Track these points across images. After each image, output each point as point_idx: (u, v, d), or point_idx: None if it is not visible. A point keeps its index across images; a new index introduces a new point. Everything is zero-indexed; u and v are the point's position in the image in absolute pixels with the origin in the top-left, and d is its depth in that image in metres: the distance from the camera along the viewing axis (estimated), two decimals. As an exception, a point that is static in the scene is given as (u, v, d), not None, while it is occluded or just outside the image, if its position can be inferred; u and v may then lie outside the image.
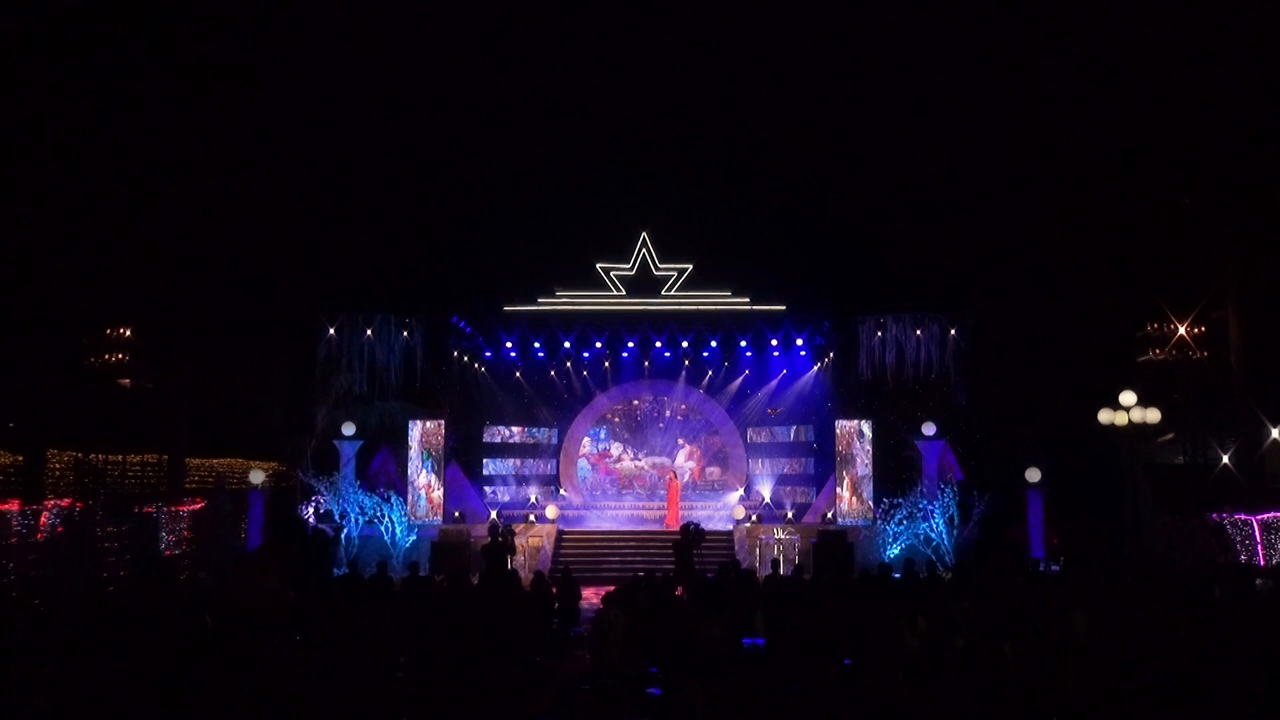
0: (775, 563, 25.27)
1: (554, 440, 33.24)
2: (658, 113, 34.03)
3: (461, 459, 30.87)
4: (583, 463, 33.64)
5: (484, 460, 32.48)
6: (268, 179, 31.29)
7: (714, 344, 31.32)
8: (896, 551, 25.01)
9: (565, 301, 30.36)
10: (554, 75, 34.25)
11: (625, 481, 33.54)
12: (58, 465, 29.36)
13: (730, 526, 28.43)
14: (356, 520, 26.28)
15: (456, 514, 28.56)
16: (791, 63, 33.93)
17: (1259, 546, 23.51)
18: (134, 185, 29.27)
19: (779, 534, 26.42)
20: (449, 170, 33.05)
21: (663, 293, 30.35)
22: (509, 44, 34.17)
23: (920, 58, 32.76)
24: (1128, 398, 21.77)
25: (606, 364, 32.67)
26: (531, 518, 28.55)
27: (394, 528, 26.44)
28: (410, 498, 27.81)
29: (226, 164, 30.88)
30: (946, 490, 25.71)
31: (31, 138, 27.44)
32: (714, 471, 33.50)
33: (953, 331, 28.74)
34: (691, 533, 22.89)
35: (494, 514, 27.49)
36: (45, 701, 10.04)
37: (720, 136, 34.30)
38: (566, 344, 31.36)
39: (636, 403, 33.92)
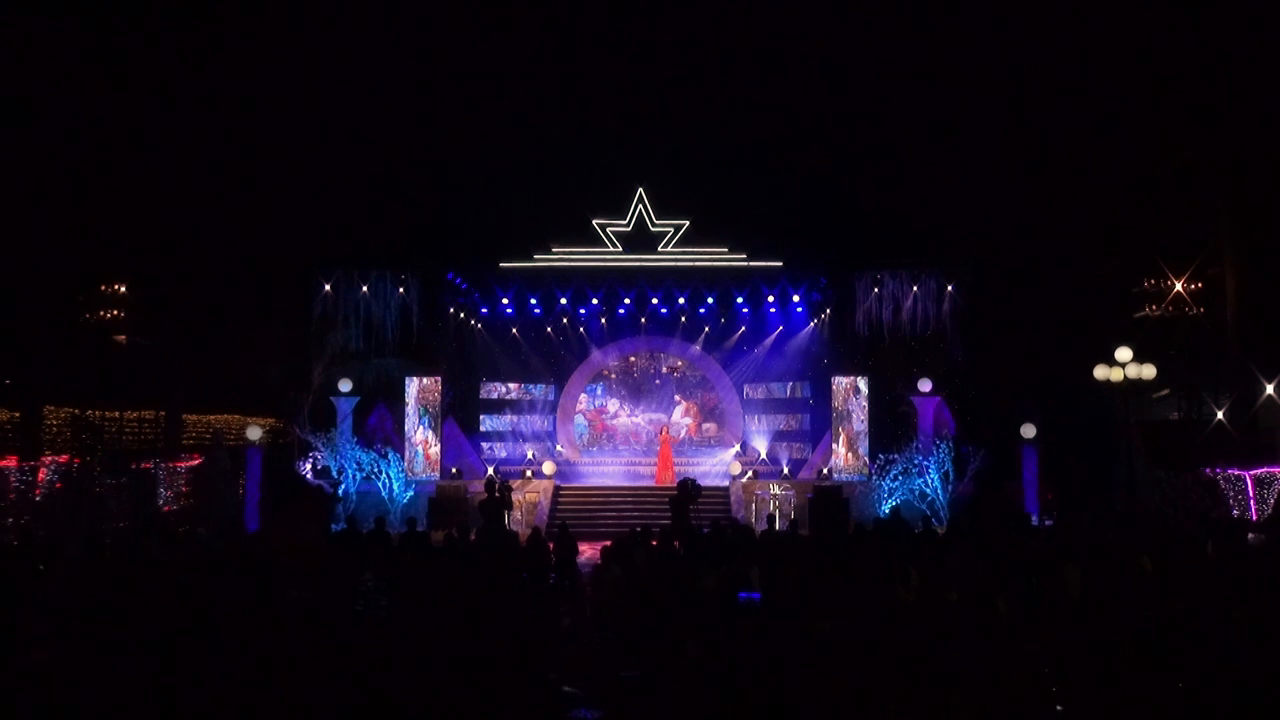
0: (771, 518, 25.54)
1: (551, 397, 33.28)
2: (654, 68, 33.73)
3: (458, 415, 30.93)
4: (579, 419, 33.72)
5: (481, 416, 32.52)
6: (264, 134, 31.05)
7: (710, 300, 31.26)
8: (891, 507, 25.11)
9: (562, 258, 30.28)
10: (550, 30, 33.95)
11: (622, 438, 33.65)
12: (55, 421, 29.38)
13: (726, 482, 28.56)
14: (354, 476, 26.37)
15: (454, 470, 28.67)
16: (787, 17, 33.60)
17: (1251, 501, 23.71)
18: (128, 140, 29.04)
19: (775, 489, 26.53)
20: (445, 126, 32.80)
21: (659, 249, 30.27)
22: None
23: (916, 11, 32.49)
24: (1123, 354, 21.81)
25: (603, 321, 32.63)
26: (529, 473, 28.68)
27: (391, 484, 26.52)
28: (407, 454, 27.90)
29: (222, 118, 30.64)
30: (942, 446, 25.79)
31: (23, 93, 27.20)
32: (710, 427, 33.61)
33: (950, 288, 28.73)
34: (688, 488, 22.97)
35: (491, 470, 27.57)
36: (46, 656, 10.12)
37: (717, 91, 34.03)
38: (563, 300, 31.31)
39: (633, 359, 33.94)
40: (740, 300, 31.27)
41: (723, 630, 10.43)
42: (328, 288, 28.83)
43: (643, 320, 32.63)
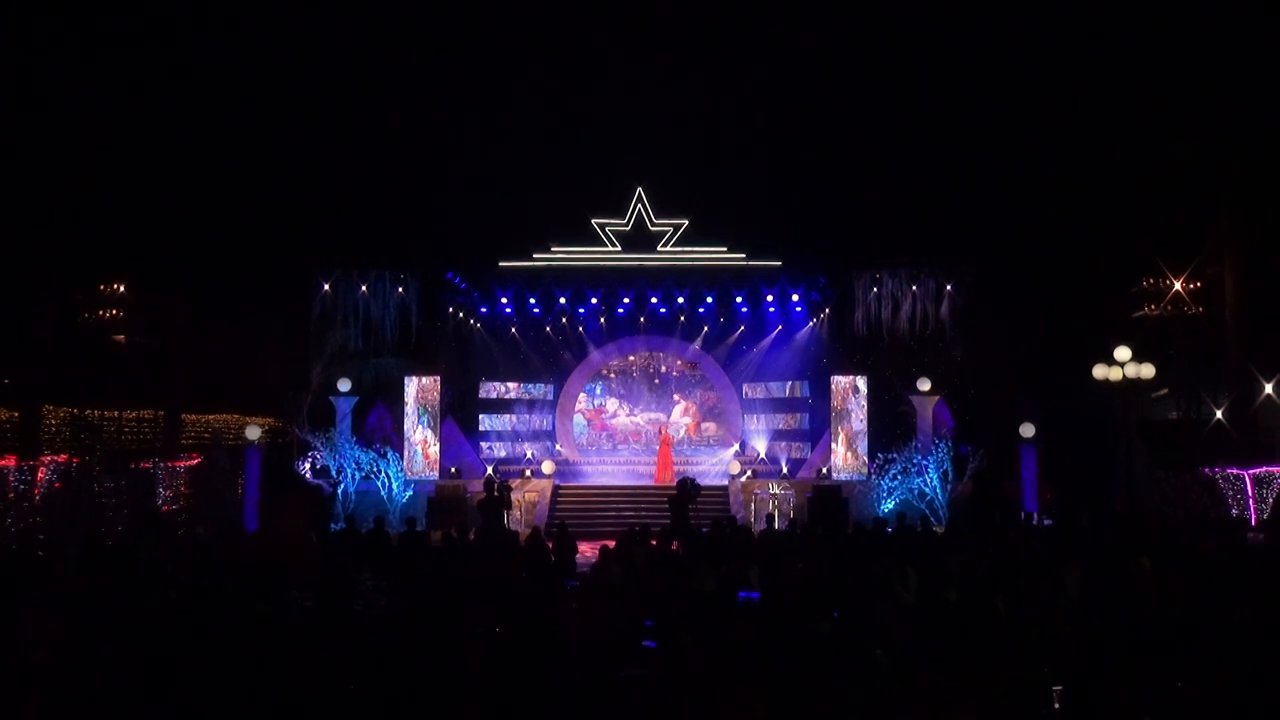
0: (770, 517, 25.53)
1: (550, 396, 33.26)
2: (652, 67, 33.73)
3: (457, 415, 30.92)
4: (579, 418, 33.70)
5: (480, 416, 32.50)
6: (263, 134, 31.05)
7: (710, 300, 31.26)
8: (891, 506, 25.14)
9: (561, 257, 30.30)
10: (549, 29, 33.94)
11: (621, 437, 33.65)
12: (54, 421, 29.36)
13: (726, 481, 28.56)
14: (353, 476, 26.37)
15: (453, 470, 28.67)
16: (785, 15, 33.62)
17: (1250, 501, 23.71)
18: (126, 139, 29.01)
19: (774, 489, 26.51)
20: (444, 125, 32.82)
21: (658, 248, 30.30)
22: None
23: (916, 11, 32.50)
24: (1122, 353, 21.81)
25: (602, 320, 32.62)
26: (528, 473, 28.67)
27: (390, 483, 26.51)
28: (406, 453, 27.88)
29: (221, 118, 30.62)
30: (941, 446, 25.79)
31: (21, 91, 27.18)
32: (709, 427, 33.60)
33: (949, 287, 28.74)
34: (688, 488, 22.97)
35: (490, 469, 27.57)
36: (46, 655, 10.11)
37: (715, 90, 34.03)
38: (562, 300, 31.32)
39: (632, 359, 33.93)
40: (739, 300, 31.27)
41: (721, 629, 10.41)
42: (327, 287, 28.84)
43: (642, 320, 32.60)
